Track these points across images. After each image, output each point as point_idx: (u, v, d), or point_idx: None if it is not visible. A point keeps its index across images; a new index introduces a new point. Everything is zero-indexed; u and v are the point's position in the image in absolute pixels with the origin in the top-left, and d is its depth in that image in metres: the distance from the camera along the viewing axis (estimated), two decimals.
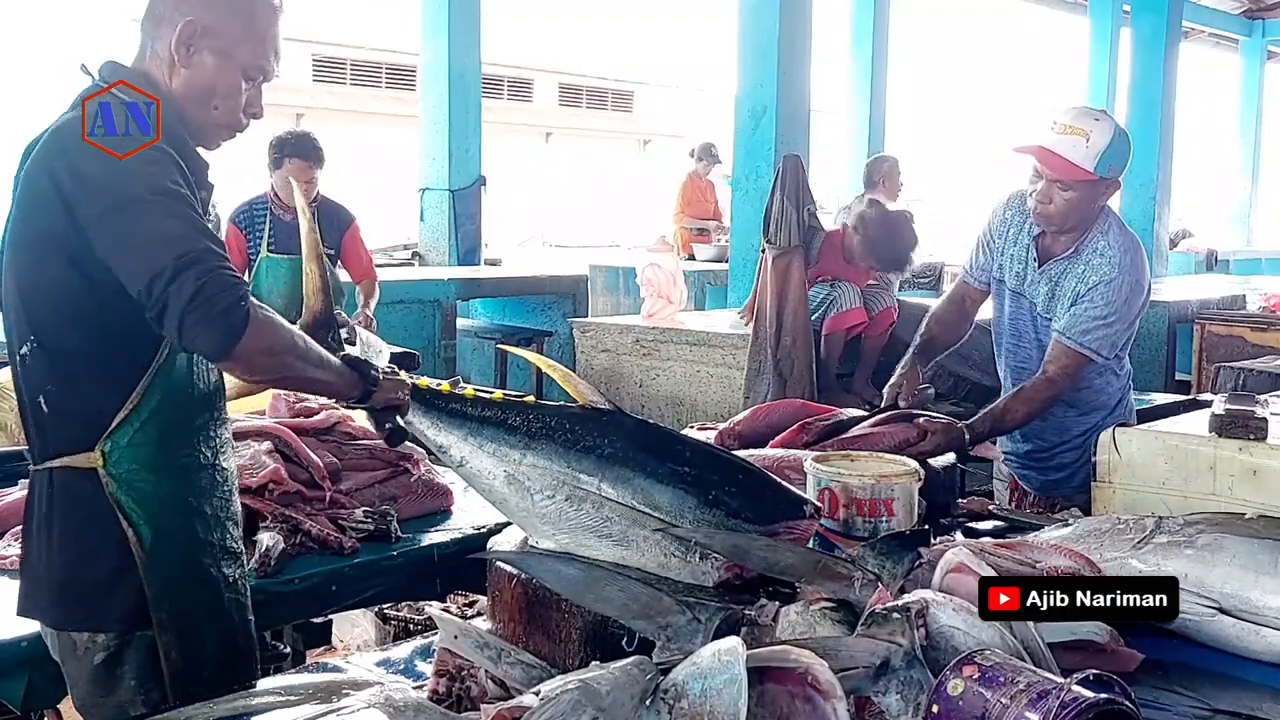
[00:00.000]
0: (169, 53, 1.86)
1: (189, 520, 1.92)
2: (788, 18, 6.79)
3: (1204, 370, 6.55)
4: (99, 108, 1.79)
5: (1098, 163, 2.80)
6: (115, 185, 1.71)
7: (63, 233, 1.75)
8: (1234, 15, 16.49)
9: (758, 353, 4.82)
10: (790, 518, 1.93)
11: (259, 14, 1.91)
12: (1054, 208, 2.89)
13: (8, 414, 3.36)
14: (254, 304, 1.72)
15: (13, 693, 2.05)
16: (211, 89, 1.88)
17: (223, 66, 1.87)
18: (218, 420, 1.99)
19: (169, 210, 1.71)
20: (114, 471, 1.83)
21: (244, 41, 1.88)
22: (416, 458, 2.93)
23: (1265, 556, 1.89)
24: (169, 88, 1.87)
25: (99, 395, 1.83)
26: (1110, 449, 2.47)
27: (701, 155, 10.13)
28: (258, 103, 1.95)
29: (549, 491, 1.97)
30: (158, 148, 1.77)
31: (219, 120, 1.92)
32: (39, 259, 1.80)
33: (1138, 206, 11.88)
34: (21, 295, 1.84)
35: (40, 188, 1.77)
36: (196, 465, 1.94)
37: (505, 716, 1.40)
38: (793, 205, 4.73)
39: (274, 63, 1.94)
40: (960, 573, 1.69)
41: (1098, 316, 2.88)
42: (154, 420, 1.84)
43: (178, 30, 1.84)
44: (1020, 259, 3.09)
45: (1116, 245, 2.93)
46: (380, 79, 19.86)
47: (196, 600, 1.92)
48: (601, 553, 1.93)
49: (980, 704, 1.34)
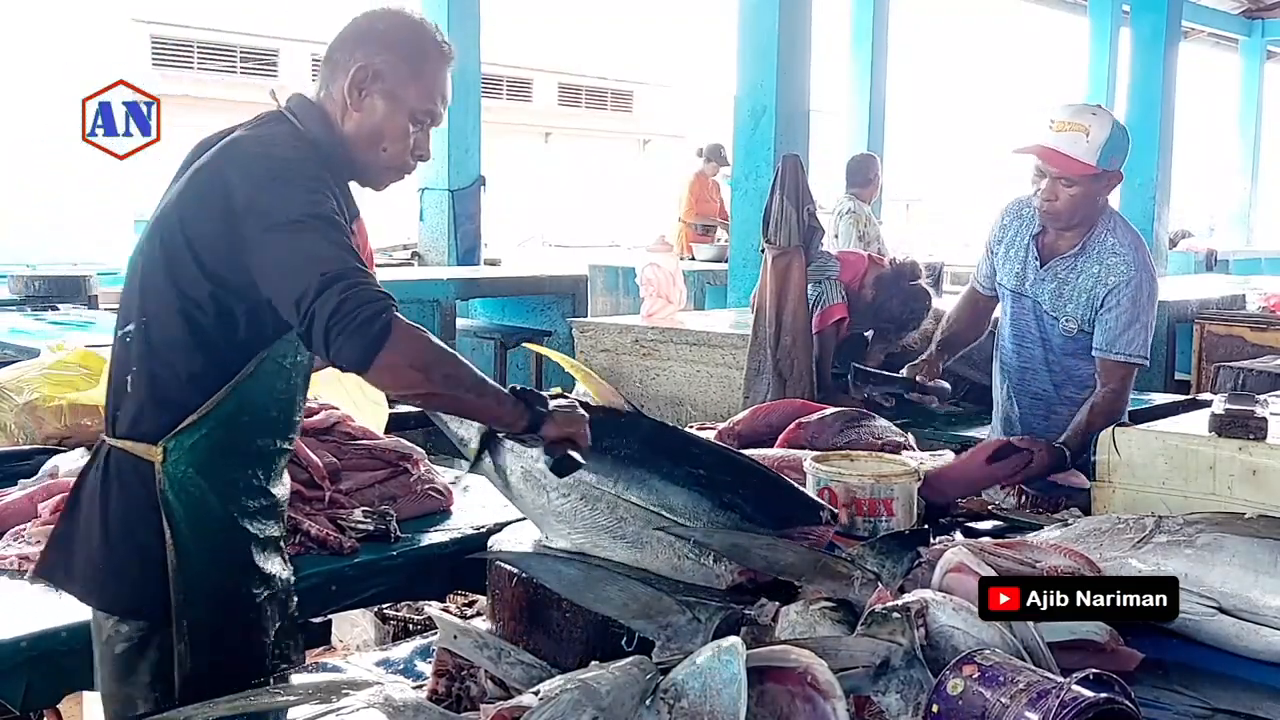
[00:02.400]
0: (342, 96, 1.94)
1: (229, 535, 1.92)
2: (787, 17, 6.78)
3: (1204, 370, 6.54)
4: (273, 133, 1.90)
5: (1099, 156, 2.86)
6: (280, 207, 1.78)
7: (211, 238, 1.82)
8: (1233, 15, 16.48)
9: (757, 352, 4.81)
10: (806, 523, 1.93)
11: (428, 61, 1.98)
12: (1060, 204, 2.93)
13: (7, 414, 3.36)
14: (401, 320, 1.76)
15: (12, 692, 2.05)
16: (380, 132, 1.95)
17: (391, 110, 1.94)
18: (279, 449, 2.02)
19: (323, 234, 1.78)
20: (169, 470, 1.86)
21: (412, 87, 1.95)
22: (416, 458, 2.93)
23: (1265, 556, 1.89)
24: (341, 129, 1.95)
25: (179, 394, 1.87)
26: (1110, 449, 2.47)
27: (710, 156, 10.15)
28: (425, 146, 2.01)
29: (564, 490, 1.99)
30: (321, 177, 1.86)
31: (387, 162, 1.98)
32: (175, 252, 1.86)
33: (1137, 206, 11.86)
34: (144, 277, 1.91)
35: (209, 190, 1.84)
36: (248, 485, 1.96)
37: (505, 716, 1.40)
38: (792, 205, 4.71)
39: (442, 107, 2.00)
40: (960, 572, 1.69)
41: (1129, 321, 2.94)
42: (220, 430, 1.88)
43: (350, 75, 1.93)
44: (1019, 260, 3.13)
45: (1127, 244, 2.97)
46: None
47: (220, 616, 1.92)
48: (616, 553, 1.94)
49: (980, 703, 1.34)
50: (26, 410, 3.34)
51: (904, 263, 4.90)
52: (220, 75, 19.20)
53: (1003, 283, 3.20)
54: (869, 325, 4.91)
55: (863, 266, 4.96)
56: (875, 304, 4.83)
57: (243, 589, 1.94)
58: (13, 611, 2.18)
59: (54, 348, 3.78)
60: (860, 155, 8.11)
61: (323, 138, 1.93)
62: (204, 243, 1.83)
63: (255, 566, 1.96)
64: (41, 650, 2.06)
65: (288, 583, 2.05)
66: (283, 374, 1.92)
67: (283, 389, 1.95)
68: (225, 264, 1.82)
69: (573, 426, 1.89)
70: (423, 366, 1.78)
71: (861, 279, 4.90)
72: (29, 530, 2.50)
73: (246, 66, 19.47)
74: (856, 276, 4.90)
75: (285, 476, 2.07)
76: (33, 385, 3.40)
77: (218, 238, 1.82)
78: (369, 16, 2.00)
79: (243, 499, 1.94)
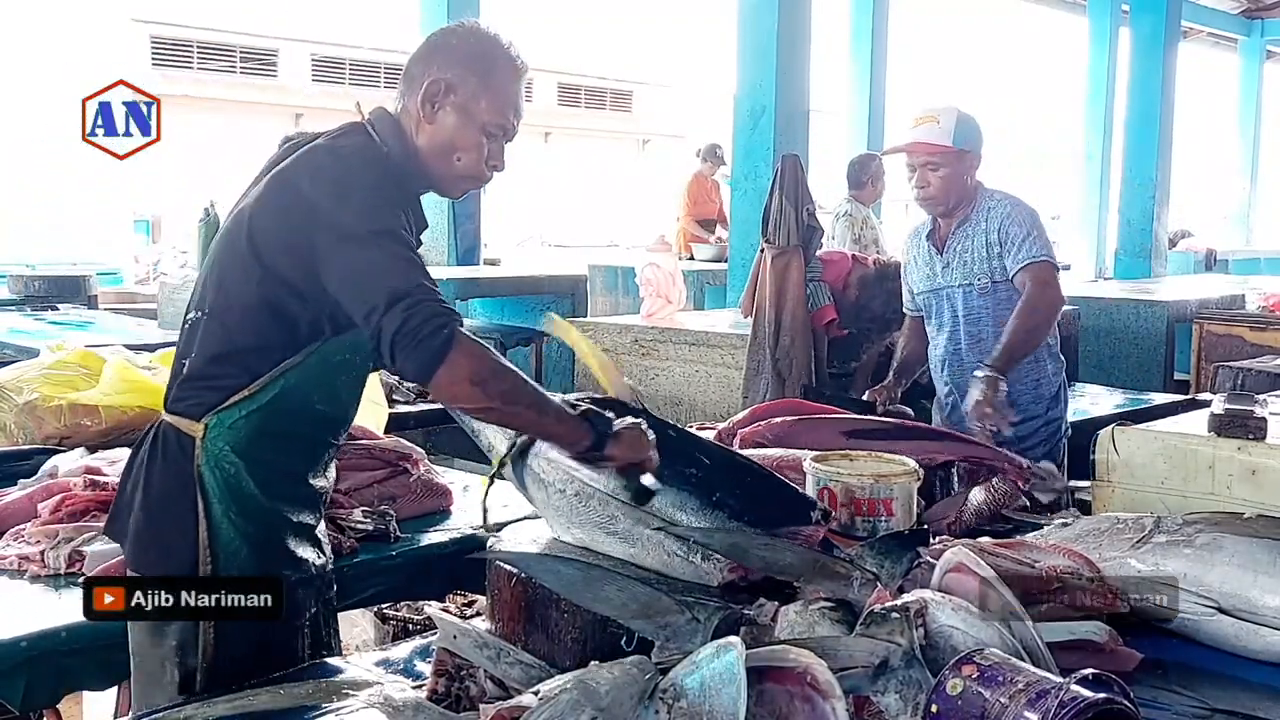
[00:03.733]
0: (416, 109, 2.00)
1: (262, 516, 1.98)
2: (787, 17, 6.78)
3: (1203, 370, 6.54)
4: (350, 144, 1.97)
5: (954, 137, 3.26)
6: (350, 220, 1.85)
7: (278, 241, 1.90)
8: (1233, 15, 16.48)
9: (756, 352, 4.81)
10: (795, 522, 1.93)
11: (500, 74, 2.02)
12: (933, 188, 3.31)
13: (7, 414, 3.36)
14: (465, 336, 1.83)
15: (11, 693, 2.05)
16: (452, 144, 2.00)
17: (463, 123, 1.99)
18: (324, 443, 2.09)
19: (391, 250, 1.84)
20: (208, 447, 1.94)
21: (484, 100, 1.99)
22: (416, 458, 2.93)
23: (1264, 556, 1.89)
24: (415, 141, 2.01)
25: (227, 377, 1.95)
26: (1109, 448, 2.47)
27: (707, 156, 10.16)
28: (499, 156, 2.05)
29: (560, 487, 2.01)
30: (393, 193, 1.93)
31: (461, 172, 2.04)
32: (244, 248, 1.93)
33: (1137, 206, 11.87)
34: (215, 268, 1.99)
35: (281, 194, 1.92)
36: (286, 471, 2.02)
37: (504, 716, 1.40)
38: (791, 205, 4.72)
39: (514, 120, 2.04)
40: (960, 572, 1.69)
41: (1024, 237, 3.24)
42: (260, 414, 1.94)
43: (423, 89, 1.98)
44: (925, 264, 3.45)
45: (1001, 198, 3.36)
46: (379, 78, 19.86)
47: None
48: (612, 549, 1.95)
49: (979, 703, 1.34)
50: (26, 410, 3.34)
51: (887, 263, 4.91)
52: (220, 75, 19.21)
53: (917, 289, 3.49)
54: (853, 325, 4.92)
55: (847, 267, 4.98)
56: (858, 304, 4.85)
57: (270, 569, 1.99)
58: (12, 611, 2.18)
59: (53, 348, 3.78)
60: (860, 156, 8.08)
61: (398, 150, 1.99)
62: (271, 244, 1.91)
63: (286, 549, 2.01)
64: (41, 650, 2.06)
65: (323, 570, 2.10)
66: (331, 370, 1.98)
67: (330, 385, 2.01)
68: (290, 266, 1.89)
69: (639, 451, 1.91)
70: (481, 382, 1.83)
71: (846, 279, 4.92)
72: (29, 530, 2.50)
73: (246, 66, 19.49)
74: (840, 277, 4.92)
75: (331, 472, 2.14)
76: (32, 385, 3.40)
77: (284, 241, 1.89)
78: (444, 32, 2.09)
79: (279, 483, 2.00)
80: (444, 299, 1.85)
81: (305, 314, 1.92)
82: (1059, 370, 3.45)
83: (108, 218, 15.78)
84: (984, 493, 2.56)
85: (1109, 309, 7.48)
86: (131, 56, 16.95)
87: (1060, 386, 3.45)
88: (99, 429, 3.37)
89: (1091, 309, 7.32)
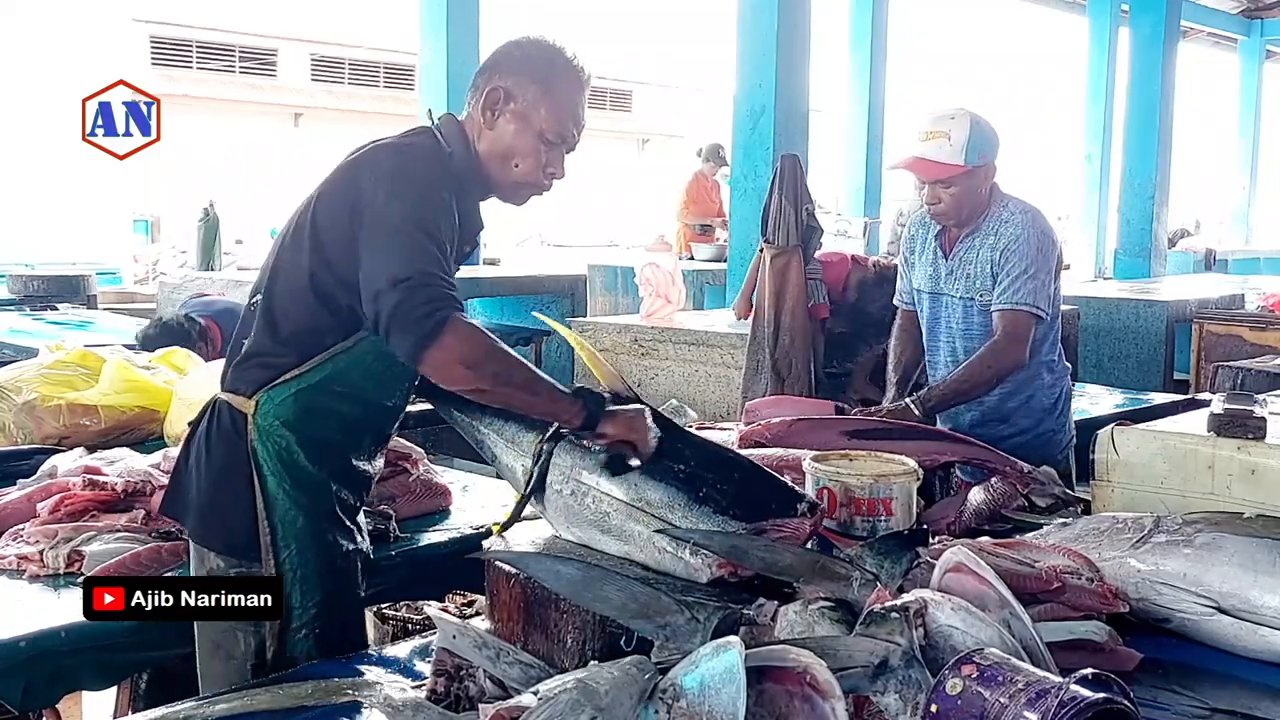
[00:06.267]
0: (478, 116, 2.07)
1: (315, 488, 2.05)
2: (786, 17, 6.78)
3: (1202, 369, 6.55)
4: (414, 144, 2.06)
5: (965, 155, 3.03)
6: (390, 214, 1.91)
7: (334, 229, 1.96)
8: (1232, 15, 16.50)
9: (756, 352, 4.81)
10: (782, 515, 1.93)
11: (559, 84, 2.07)
12: (944, 206, 3.11)
13: (6, 414, 3.37)
14: (460, 319, 1.87)
15: (11, 693, 2.05)
16: (511, 151, 2.06)
17: (521, 130, 2.05)
18: (373, 428, 2.15)
19: (415, 242, 1.89)
20: (260, 422, 2.01)
21: (542, 108, 2.05)
22: (415, 457, 2.93)
23: (1263, 556, 1.89)
24: (476, 147, 2.07)
25: (280, 358, 2.02)
26: (1109, 448, 2.47)
27: (709, 156, 10.18)
28: (558, 164, 2.10)
29: (557, 486, 2.03)
30: (444, 194, 1.98)
31: (518, 179, 2.10)
32: (305, 234, 2.00)
33: (1137, 206, 11.88)
34: (279, 252, 2.06)
35: (344, 185, 1.99)
36: (337, 448, 2.09)
37: (504, 716, 1.40)
38: (791, 204, 4.72)
39: (574, 130, 2.10)
40: (959, 572, 1.69)
41: (1019, 274, 3.04)
42: (309, 393, 2.01)
43: (484, 95, 2.05)
44: (929, 263, 3.26)
45: (1016, 209, 3.13)
46: (378, 78, 19.87)
47: (311, 557, 2.04)
48: (609, 547, 1.97)
49: (979, 703, 1.34)
50: (25, 410, 3.34)
51: (887, 265, 4.90)
52: (219, 75, 19.22)
53: (919, 288, 3.31)
54: (850, 327, 4.92)
55: (846, 269, 4.99)
56: (857, 306, 4.85)
57: (329, 536, 2.06)
58: (12, 611, 2.18)
59: (53, 348, 3.78)
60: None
61: (460, 154, 2.06)
62: (329, 232, 1.98)
63: (339, 519, 2.08)
64: (41, 650, 2.06)
65: (365, 555, 2.16)
66: (381, 358, 2.01)
67: (380, 373, 2.05)
68: (341, 255, 1.95)
69: (634, 432, 1.95)
70: (473, 364, 1.87)
71: (845, 281, 4.92)
72: (28, 530, 2.50)
73: (245, 66, 19.50)
74: (840, 279, 4.92)
75: (379, 460, 2.21)
76: (31, 385, 3.41)
77: (340, 230, 1.96)
78: (510, 42, 2.12)
79: (328, 458, 2.06)
80: (450, 286, 1.89)
81: (358, 306, 1.95)
82: (1057, 382, 3.28)
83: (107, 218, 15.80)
84: (983, 493, 2.56)
85: (1109, 309, 7.49)
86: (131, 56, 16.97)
87: (1060, 397, 3.29)
88: (98, 429, 3.37)
89: (1091, 309, 7.32)
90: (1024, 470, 2.62)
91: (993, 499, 2.55)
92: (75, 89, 5.22)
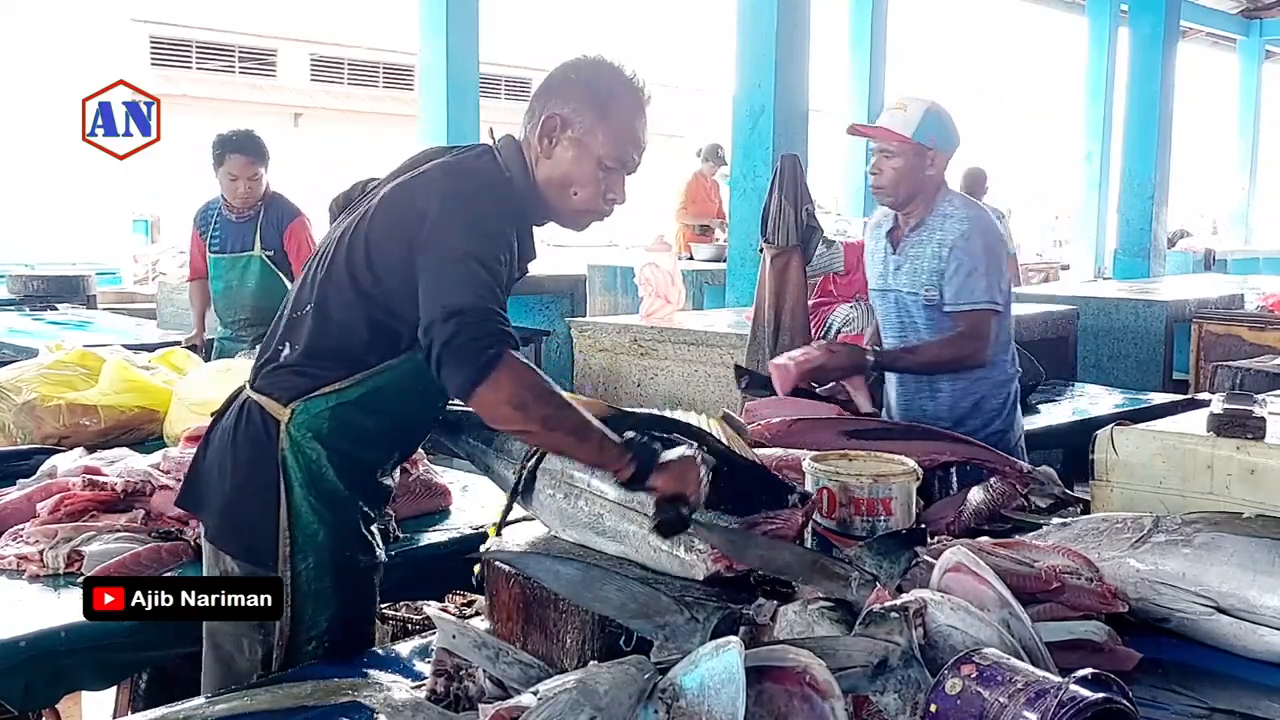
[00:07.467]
0: (535, 143, 2.01)
1: (341, 504, 2.02)
2: (786, 17, 6.78)
3: (1201, 369, 6.55)
4: (474, 167, 2.01)
5: (915, 130, 3.08)
6: (449, 241, 1.87)
7: (388, 249, 1.93)
8: (1232, 15, 16.49)
9: (755, 352, 4.81)
10: (771, 507, 1.93)
11: (618, 108, 2.00)
12: (885, 177, 3.15)
13: (6, 414, 3.37)
14: (514, 358, 1.82)
15: (10, 692, 2.05)
16: (569, 178, 2.01)
17: (579, 157, 1.99)
18: (401, 444, 2.14)
19: (472, 272, 1.84)
20: (293, 432, 1.98)
21: (600, 134, 1.99)
22: (415, 458, 2.92)
23: (1263, 556, 1.89)
24: (534, 173, 2.02)
25: (321, 370, 1.99)
26: (1108, 448, 2.47)
27: (708, 156, 10.19)
28: (618, 189, 2.04)
29: (550, 489, 2.02)
30: (503, 221, 1.94)
31: (578, 206, 2.04)
32: (358, 250, 1.97)
33: (1136, 206, 11.88)
34: (328, 264, 2.02)
35: (401, 206, 1.95)
36: (366, 465, 2.06)
37: (503, 716, 1.40)
38: (790, 205, 4.71)
39: (634, 153, 2.03)
40: (959, 572, 1.69)
41: (969, 271, 3.08)
42: (346, 408, 1.99)
43: (540, 123, 1.99)
44: (880, 260, 3.31)
45: (960, 205, 3.18)
46: (378, 79, 19.86)
47: (327, 573, 2.01)
48: (604, 547, 1.97)
49: (978, 703, 1.34)
50: (25, 410, 3.34)
51: None
52: (219, 75, 19.19)
53: (873, 286, 3.36)
54: None
55: None
56: None
57: (348, 552, 2.04)
58: (12, 611, 2.19)
59: (52, 348, 3.78)
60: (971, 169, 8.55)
61: (520, 179, 2.01)
62: (382, 251, 1.94)
63: (360, 536, 2.06)
64: (40, 650, 2.06)
65: (383, 564, 2.14)
66: (422, 378, 1.95)
67: (418, 391, 2.02)
68: (395, 276, 1.92)
69: (686, 484, 1.86)
70: (522, 405, 1.82)
71: None
72: (28, 530, 2.50)
73: (245, 66, 19.47)
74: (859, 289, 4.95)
75: (396, 474, 2.19)
76: (31, 385, 3.41)
77: (394, 251, 1.92)
78: (567, 65, 2.05)
79: (356, 474, 2.04)
80: (504, 322, 1.85)
81: (401, 323, 1.93)
82: (1008, 383, 3.28)
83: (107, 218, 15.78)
84: (983, 493, 2.56)
85: (1108, 309, 7.49)
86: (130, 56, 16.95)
87: (1008, 400, 3.27)
88: (98, 429, 3.38)
89: (1090, 309, 7.33)
90: (1024, 470, 2.63)
91: (992, 499, 2.55)
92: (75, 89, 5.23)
